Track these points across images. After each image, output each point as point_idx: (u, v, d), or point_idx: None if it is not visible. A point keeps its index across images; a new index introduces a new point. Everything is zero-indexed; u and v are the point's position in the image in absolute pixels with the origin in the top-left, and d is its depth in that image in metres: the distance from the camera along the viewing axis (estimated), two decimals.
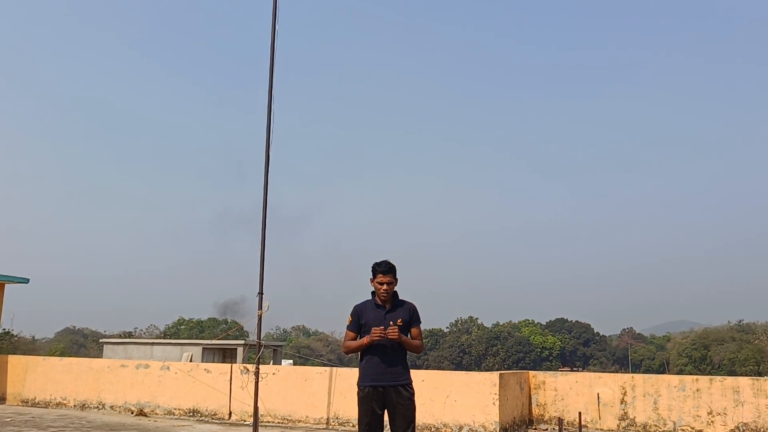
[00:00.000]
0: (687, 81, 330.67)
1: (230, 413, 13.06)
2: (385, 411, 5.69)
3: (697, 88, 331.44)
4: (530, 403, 12.82)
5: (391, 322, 5.62)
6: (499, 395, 11.23)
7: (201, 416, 13.25)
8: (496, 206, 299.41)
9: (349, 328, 5.82)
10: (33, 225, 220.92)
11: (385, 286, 5.72)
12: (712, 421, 11.52)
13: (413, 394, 5.70)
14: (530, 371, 13.32)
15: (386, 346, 5.64)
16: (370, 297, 5.90)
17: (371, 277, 5.80)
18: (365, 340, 5.63)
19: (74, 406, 14.45)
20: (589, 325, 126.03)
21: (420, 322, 5.88)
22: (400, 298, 5.90)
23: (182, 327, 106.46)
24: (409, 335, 5.78)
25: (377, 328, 5.57)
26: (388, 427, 5.74)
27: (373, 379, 5.63)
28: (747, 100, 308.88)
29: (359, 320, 5.77)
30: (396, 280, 5.80)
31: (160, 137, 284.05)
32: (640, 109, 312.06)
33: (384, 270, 5.75)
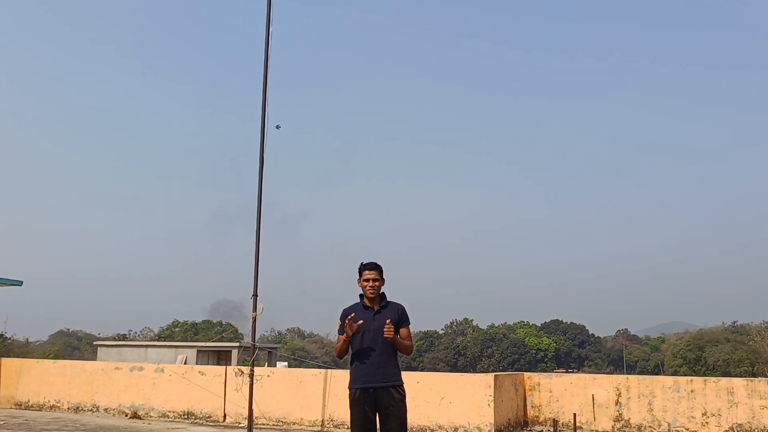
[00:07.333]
0: (677, 86, 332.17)
1: (225, 416, 13.04)
2: (377, 413, 5.64)
3: (688, 93, 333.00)
4: (525, 405, 12.82)
5: (388, 320, 5.59)
6: (494, 397, 11.23)
7: (195, 419, 13.22)
8: (491, 208, 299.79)
9: (339, 332, 5.76)
10: (27, 227, 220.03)
11: (371, 282, 5.73)
12: (706, 422, 11.54)
13: (404, 396, 5.67)
14: (525, 373, 13.33)
15: (376, 347, 5.62)
16: (358, 300, 5.87)
17: (358, 277, 5.83)
18: (348, 333, 5.59)
19: (68, 408, 14.39)
20: (584, 326, 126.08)
21: (409, 323, 5.86)
22: (389, 299, 5.89)
23: (176, 329, 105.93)
24: (398, 336, 5.75)
25: (350, 319, 5.55)
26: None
27: (364, 381, 5.61)
28: (738, 105, 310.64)
29: None
30: (382, 279, 5.80)
31: (156, 139, 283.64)
32: (633, 113, 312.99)
33: (370, 266, 5.78)
